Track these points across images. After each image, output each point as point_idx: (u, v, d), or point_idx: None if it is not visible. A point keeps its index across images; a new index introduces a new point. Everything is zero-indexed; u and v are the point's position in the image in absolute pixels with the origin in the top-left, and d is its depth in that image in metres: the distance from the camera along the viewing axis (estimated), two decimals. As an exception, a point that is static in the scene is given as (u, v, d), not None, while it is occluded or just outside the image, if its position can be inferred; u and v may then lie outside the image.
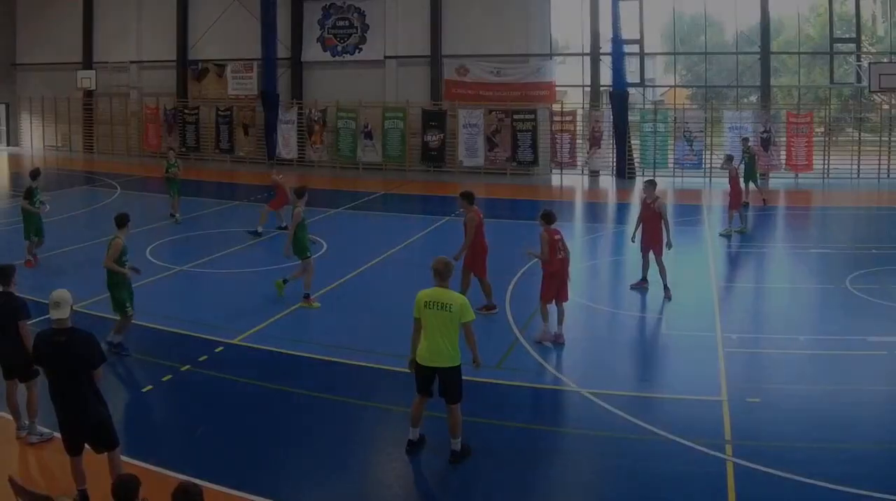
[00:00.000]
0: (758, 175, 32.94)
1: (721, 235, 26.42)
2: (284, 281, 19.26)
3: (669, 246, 19.56)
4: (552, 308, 16.56)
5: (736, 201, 26.59)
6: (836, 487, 10.64)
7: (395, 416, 12.71)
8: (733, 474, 11.10)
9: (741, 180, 28.07)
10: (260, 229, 26.15)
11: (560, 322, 16.49)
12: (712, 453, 11.67)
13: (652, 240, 19.67)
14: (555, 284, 16.45)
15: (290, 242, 18.83)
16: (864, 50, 42.02)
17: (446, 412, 11.43)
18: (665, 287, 19.36)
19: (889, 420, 13.12)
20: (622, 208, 35.05)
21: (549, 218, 16.71)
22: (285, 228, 24.40)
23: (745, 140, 34.11)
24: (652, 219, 19.70)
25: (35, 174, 22.57)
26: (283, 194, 26.33)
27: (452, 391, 11.34)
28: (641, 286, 20.02)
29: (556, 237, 16.54)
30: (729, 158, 27.81)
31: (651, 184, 20.16)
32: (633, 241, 20.45)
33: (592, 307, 19.11)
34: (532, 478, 11.15)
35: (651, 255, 19.78)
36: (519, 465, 11.47)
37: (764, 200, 32.20)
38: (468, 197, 18.15)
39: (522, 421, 12.88)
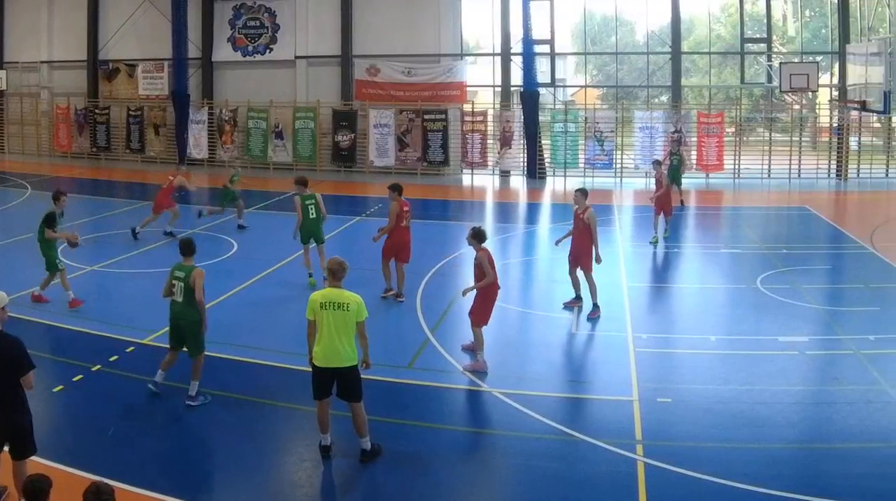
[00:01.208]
0: (682, 178, 32.76)
1: (651, 243, 25.49)
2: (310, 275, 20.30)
3: (598, 260, 18.44)
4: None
5: (663, 207, 25.67)
6: (747, 487, 10.74)
7: (305, 416, 12.54)
8: (644, 474, 11.18)
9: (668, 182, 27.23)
10: (170, 228, 26.14)
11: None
12: (623, 453, 11.75)
13: (580, 254, 18.49)
14: (491, 306, 15.53)
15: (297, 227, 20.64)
16: (775, 50, 42.37)
17: (350, 412, 11.40)
18: (594, 305, 18.38)
19: (799, 419, 13.26)
20: (532, 208, 35.27)
21: (481, 236, 15.40)
22: (171, 234, 25.07)
23: (678, 142, 34.15)
24: (582, 232, 18.45)
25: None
26: (165, 198, 26.02)
27: (352, 390, 11.32)
28: (574, 306, 18.84)
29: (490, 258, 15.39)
30: (657, 163, 27.18)
31: (582, 194, 18.68)
32: (556, 244, 19.96)
33: (504, 307, 18.89)
34: (443, 479, 11.19)
35: (580, 271, 18.68)
36: (430, 466, 11.50)
37: (682, 201, 32.05)
38: (395, 188, 19.56)
39: (434, 422, 12.83)
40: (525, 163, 41.15)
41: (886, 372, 14.80)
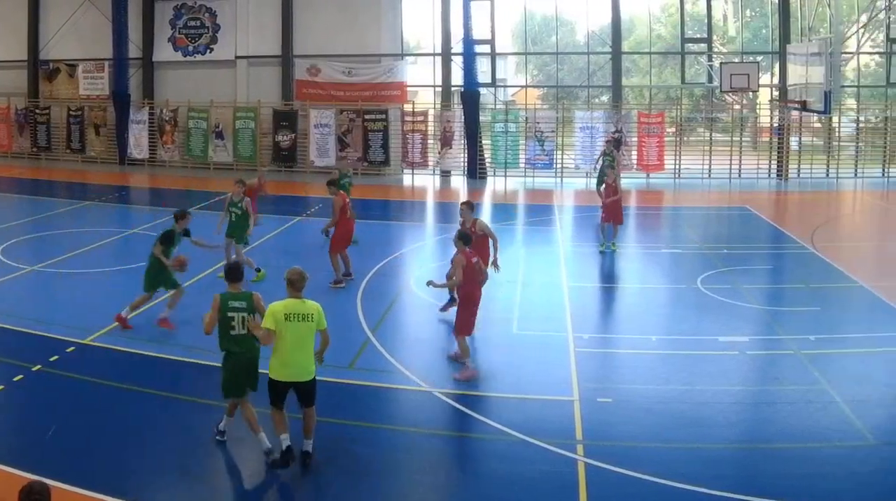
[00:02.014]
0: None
1: (601, 252, 24.45)
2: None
3: (496, 265, 17.45)
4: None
5: (614, 215, 24.37)
6: (687, 487, 10.75)
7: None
8: (584, 474, 11.16)
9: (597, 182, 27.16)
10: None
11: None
12: (564, 453, 11.73)
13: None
14: (474, 311, 15.33)
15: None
16: (716, 50, 42.56)
17: (301, 413, 11.33)
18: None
19: (740, 419, 13.33)
20: (473, 208, 34.81)
21: (467, 239, 15.27)
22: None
23: (617, 141, 34.16)
24: (479, 241, 17.49)
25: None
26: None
27: (310, 397, 11.23)
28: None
29: (474, 260, 15.09)
30: (611, 168, 26.62)
31: (468, 207, 18.23)
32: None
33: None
34: (383, 479, 11.17)
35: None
36: (370, 466, 11.45)
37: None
38: (333, 183, 21.05)
39: (374, 422, 12.75)
40: (465, 163, 41.11)
41: (827, 371, 14.86)
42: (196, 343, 15.74)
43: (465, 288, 15.02)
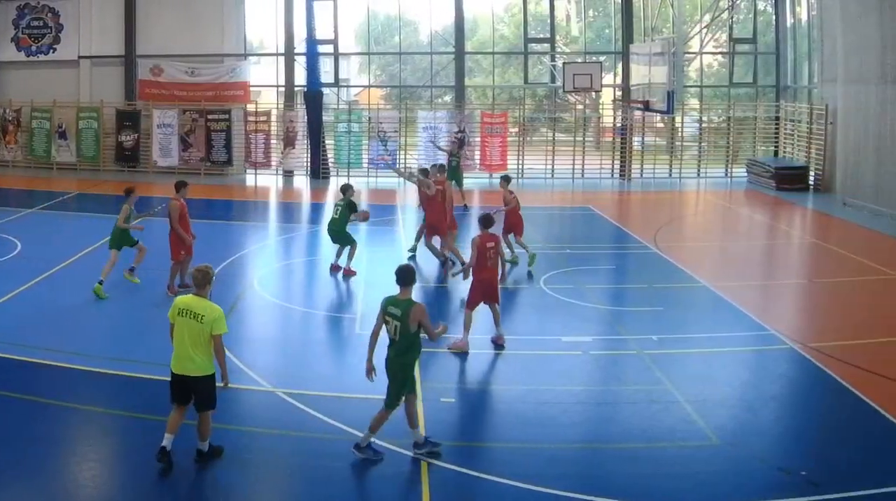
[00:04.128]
0: (462, 178, 33.02)
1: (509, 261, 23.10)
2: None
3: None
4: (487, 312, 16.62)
5: (514, 227, 23.34)
6: (531, 487, 10.78)
7: (90, 416, 12.62)
8: (427, 474, 11.17)
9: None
10: None
11: (497, 322, 16.57)
12: (407, 453, 11.72)
13: None
14: (482, 290, 16.38)
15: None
16: (559, 50, 42.94)
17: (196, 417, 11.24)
18: None
19: (583, 419, 13.40)
20: (316, 208, 35.03)
21: (486, 222, 16.66)
22: None
23: (460, 142, 34.32)
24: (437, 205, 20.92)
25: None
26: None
27: (203, 400, 11.11)
28: None
29: (489, 245, 16.39)
30: (506, 179, 24.76)
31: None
32: None
33: (287, 307, 19.21)
34: (225, 479, 11.09)
35: None
36: (214, 466, 11.33)
37: (465, 204, 32.01)
38: (176, 186, 20.12)
39: (217, 422, 12.29)
40: (308, 164, 41.02)
41: (669, 371, 14.99)
42: (45, 343, 15.73)
43: (475, 269, 16.40)
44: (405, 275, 11.78)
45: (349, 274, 21.59)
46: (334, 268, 21.85)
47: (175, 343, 11.05)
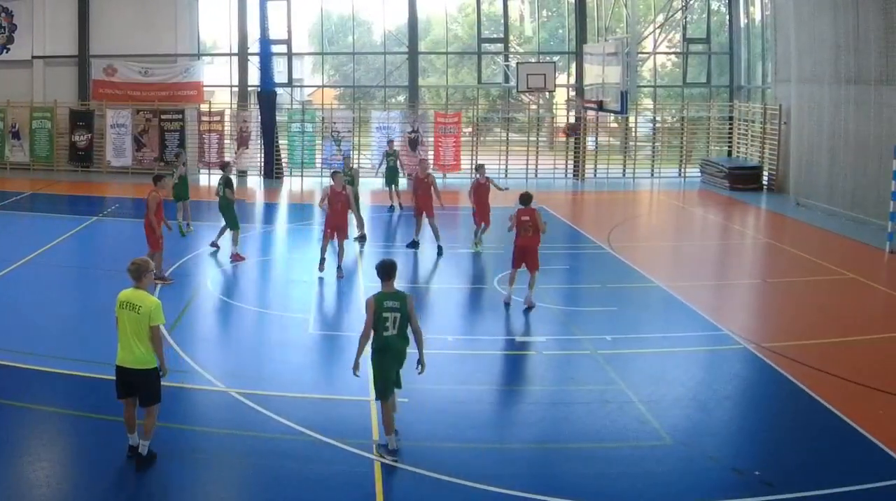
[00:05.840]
0: (399, 179, 32.97)
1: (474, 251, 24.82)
2: None
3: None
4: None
5: (484, 216, 24.85)
6: (485, 487, 10.74)
7: (57, 418, 12.59)
8: (381, 474, 11.13)
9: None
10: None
11: (531, 286, 18.64)
12: (360, 453, 11.69)
13: None
14: (519, 255, 18.74)
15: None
16: (512, 50, 43.00)
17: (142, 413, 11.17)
18: None
19: (537, 419, 13.37)
20: (269, 208, 35.10)
21: (524, 199, 18.84)
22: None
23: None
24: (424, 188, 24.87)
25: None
26: None
27: (146, 394, 11.07)
28: None
29: (524, 218, 18.64)
30: (480, 167, 26.04)
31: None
32: None
33: (241, 307, 19.15)
34: (178, 480, 10.99)
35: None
36: (166, 466, 11.23)
37: (400, 204, 31.72)
38: (154, 179, 21.33)
39: (169, 422, 12.30)
40: (262, 164, 40.95)
41: (623, 371, 15.01)
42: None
43: (515, 237, 18.93)
44: (390, 269, 12.02)
45: (237, 259, 22.74)
46: (213, 245, 24.02)
47: (119, 335, 11.07)
